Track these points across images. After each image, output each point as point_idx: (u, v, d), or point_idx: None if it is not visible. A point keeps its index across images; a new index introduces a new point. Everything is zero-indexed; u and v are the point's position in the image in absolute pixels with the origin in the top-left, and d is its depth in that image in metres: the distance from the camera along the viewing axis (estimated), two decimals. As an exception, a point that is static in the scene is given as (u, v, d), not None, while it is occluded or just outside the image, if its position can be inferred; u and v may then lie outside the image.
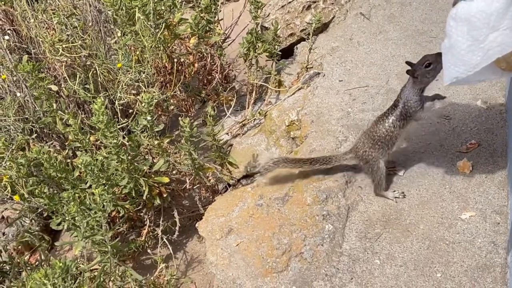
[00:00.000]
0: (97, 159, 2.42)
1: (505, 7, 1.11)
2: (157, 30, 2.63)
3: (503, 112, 2.52)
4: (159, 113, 2.92)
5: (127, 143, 2.57)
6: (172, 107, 2.87)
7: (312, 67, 3.06)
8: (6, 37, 2.87)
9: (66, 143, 2.74)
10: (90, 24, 2.91)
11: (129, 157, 2.45)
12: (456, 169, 2.35)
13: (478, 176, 2.31)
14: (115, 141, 2.35)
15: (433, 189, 2.31)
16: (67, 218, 2.35)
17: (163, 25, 2.62)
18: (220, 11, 3.10)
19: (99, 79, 2.78)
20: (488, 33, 1.13)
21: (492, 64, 1.17)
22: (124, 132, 2.78)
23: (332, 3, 3.42)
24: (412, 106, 2.21)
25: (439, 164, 2.41)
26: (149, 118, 2.45)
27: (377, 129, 2.27)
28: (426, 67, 2.10)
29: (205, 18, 2.91)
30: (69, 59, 2.79)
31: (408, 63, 2.16)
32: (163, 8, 2.79)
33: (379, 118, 2.28)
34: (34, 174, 2.52)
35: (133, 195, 2.54)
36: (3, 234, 2.89)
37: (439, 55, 2.17)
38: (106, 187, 2.38)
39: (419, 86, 2.18)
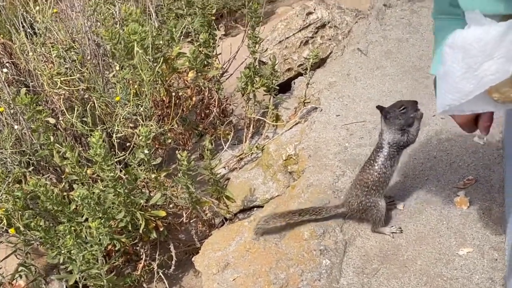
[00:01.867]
0: (93, 192, 2.41)
1: (501, 36, 1.11)
2: (155, 64, 2.64)
3: (500, 148, 2.53)
4: (157, 146, 2.91)
5: (124, 177, 2.57)
6: (169, 140, 2.87)
7: (309, 102, 3.07)
8: (5, 70, 2.88)
9: (63, 176, 2.73)
10: (88, 57, 2.93)
11: (126, 191, 2.44)
12: (454, 205, 2.35)
13: (476, 212, 2.30)
14: (112, 174, 2.35)
15: (430, 225, 2.30)
16: (63, 252, 2.34)
17: (161, 59, 2.63)
18: (218, 45, 3.12)
19: (96, 112, 2.79)
20: (483, 61, 1.12)
21: (486, 94, 1.17)
22: (121, 165, 2.78)
23: (330, 39, 3.44)
24: (400, 141, 2.23)
25: (437, 199, 2.40)
26: (146, 151, 2.45)
27: (369, 175, 2.26)
28: (400, 110, 2.17)
29: (203, 52, 2.93)
30: (67, 92, 2.79)
31: (378, 107, 2.23)
32: (161, 42, 2.81)
33: (366, 164, 2.29)
34: (31, 207, 2.51)
35: (130, 228, 2.52)
36: (-1, 267, 2.87)
37: (415, 102, 2.21)
38: (102, 221, 2.38)
39: (394, 127, 2.22)
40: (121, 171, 2.66)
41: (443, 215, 2.33)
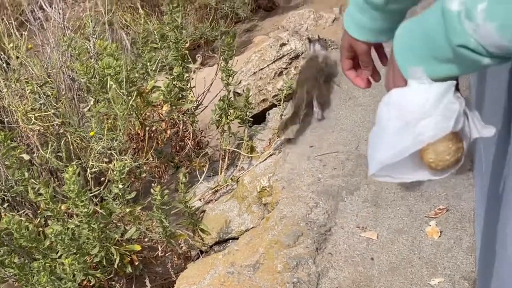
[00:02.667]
0: (68, 228, 2.42)
1: (440, 95, 1.12)
2: (130, 98, 2.66)
3: (471, 178, 2.57)
4: (132, 180, 2.93)
5: (100, 211, 2.58)
6: (144, 174, 2.88)
7: (283, 133, 3.10)
8: (-21, 106, 2.89)
9: (39, 212, 2.73)
10: (63, 92, 2.95)
11: (101, 225, 2.45)
12: (425, 234, 2.38)
13: (447, 242, 2.33)
14: (85, 210, 2.36)
15: (402, 255, 2.33)
16: (37, 288, 2.34)
17: (135, 93, 2.65)
18: (193, 78, 3.15)
19: (71, 147, 2.80)
20: (421, 118, 1.12)
21: (420, 160, 1.16)
22: (98, 200, 2.79)
23: (304, 70, 3.49)
24: None
25: (409, 229, 2.43)
26: (120, 186, 2.47)
27: None
28: None
29: (177, 85, 2.95)
30: (42, 128, 2.80)
31: None
32: (136, 75, 2.84)
33: None
34: (6, 243, 2.51)
35: (104, 263, 2.53)
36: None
37: None
38: (77, 256, 2.38)
39: None
40: (97, 205, 2.67)
41: (414, 245, 2.36)
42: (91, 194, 2.63)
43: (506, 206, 1.31)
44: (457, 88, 1.19)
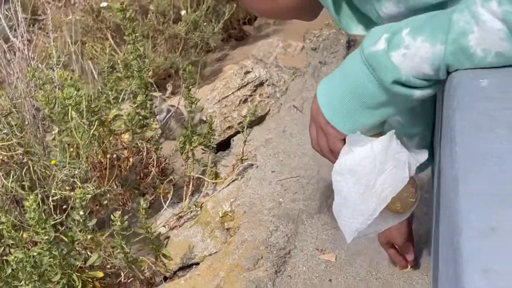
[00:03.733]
0: (30, 256, 2.43)
1: (385, 149, 1.17)
2: (91, 127, 2.69)
3: (427, 199, 2.61)
4: (97, 207, 2.95)
5: (63, 238, 2.60)
6: (108, 201, 2.91)
7: (246, 159, 3.14)
8: None
9: (2, 240, 2.74)
10: (27, 122, 2.98)
11: (63, 253, 2.47)
12: (382, 256, 2.42)
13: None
14: (46, 237, 2.38)
15: (360, 276, 2.37)
16: (-3, 317, 2.35)
17: (96, 122, 2.69)
18: (156, 106, 3.20)
19: (35, 176, 2.82)
20: (377, 177, 1.17)
21: (386, 210, 1.20)
22: (63, 228, 2.80)
23: (268, 97, 3.54)
24: None
25: (367, 251, 2.47)
26: (81, 213, 2.49)
27: None
28: None
29: (141, 113, 2.99)
30: (6, 157, 2.83)
31: None
32: (99, 105, 2.87)
33: None
34: (-33, 272, 2.52)
35: (66, 290, 2.54)
36: None
37: None
38: (38, 284, 2.40)
39: None
40: (60, 233, 2.69)
41: (372, 266, 2.40)
42: (53, 222, 2.65)
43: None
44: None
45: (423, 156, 1.25)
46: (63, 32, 4.72)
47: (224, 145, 3.47)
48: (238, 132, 3.48)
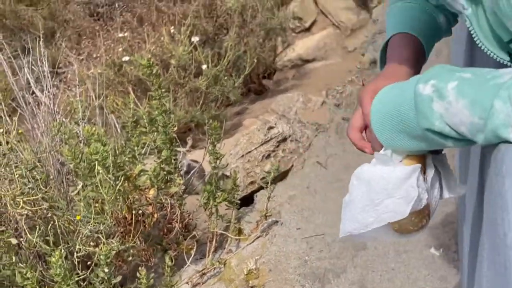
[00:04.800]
0: (54, 312, 2.41)
1: (403, 178, 1.19)
2: (117, 182, 2.69)
3: (456, 260, 2.58)
4: (119, 263, 2.93)
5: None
6: (132, 257, 2.89)
7: (270, 215, 3.12)
8: (-32, 190, 2.91)
9: (26, 295, 2.72)
10: (51, 176, 2.98)
11: (87, 310, 2.45)
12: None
13: (433, 324, 2.34)
14: (71, 294, 2.36)
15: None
16: None
17: (123, 177, 2.69)
18: (181, 161, 3.19)
19: (59, 230, 2.81)
20: (384, 198, 1.20)
21: (386, 225, 1.24)
22: (85, 283, 2.78)
23: (291, 152, 3.54)
24: None
25: (395, 312, 2.44)
26: (106, 270, 2.47)
27: None
28: None
29: (165, 169, 2.99)
30: (30, 212, 2.82)
31: None
32: (124, 159, 2.87)
33: None
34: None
35: None
36: None
37: None
38: None
39: None
40: (83, 289, 2.67)
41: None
42: (77, 278, 2.63)
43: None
44: (438, 152, 1.25)
45: (460, 190, 1.29)
46: (85, 85, 4.76)
47: (247, 200, 3.45)
48: (261, 188, 3.46)
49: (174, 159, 3.05)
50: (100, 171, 2.67)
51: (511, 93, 1.00)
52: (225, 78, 4.97)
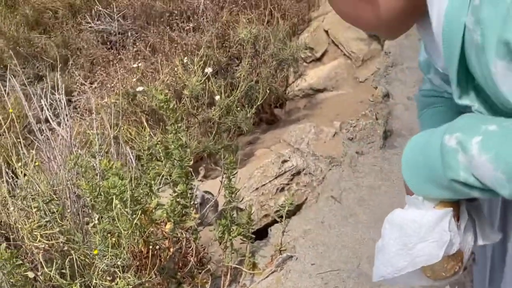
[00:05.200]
0: None
1: (435, 222, 1.20)
2: (134, 216, 2.71)
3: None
4: (135, 296, 2.93)
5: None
6: (147, 291, 2.89)
7: (285, 250, 3.13)
8: (-15, 222, 2.93)
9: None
10: (68, 210, 2.99)
11: None
12: None
13: None
14: (88, 330, 2.37)
15: None
16: None
17: (139, 211, 2.70)
18: (197, 195, 3.21)
19: (75, 264, 2.82)
20: (417, 242, 1.21)
21: (419, 270, 1.25)
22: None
23: (305, 186, 3.55)
24: None
25: None
26: (122, 305, 2.48)
27: None
28: None
29: (181, 202, 3.00)
30: (47, 245, 2.83)
31: None
32: (141, 192, 2.89)
33: None
34: None
35: None
36: None
37: None
38: None
39: None
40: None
41: None
42: (94, 312, 2.64)
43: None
44: (472, 199, 1.26)
45: (496, 236, 1.29)
46: (100, 115, 4.79)
47: (261, 234, 3.46)
48: (275, 221, 3.47)
49: (190, 193, 3.07)
50: (118, 205, 2.69)
51: None
52: (238, 108, 4.99)
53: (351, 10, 1.28)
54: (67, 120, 3.25)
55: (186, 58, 5.34)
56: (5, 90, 4.74)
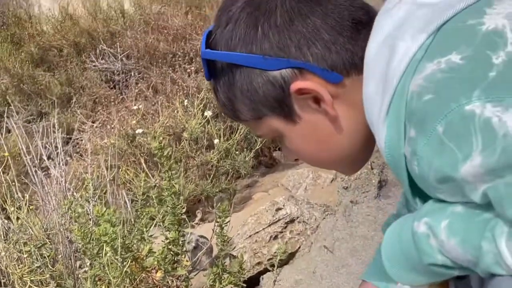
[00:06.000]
0: None
1: None
2: (124, 264, 2.71)
3: None
4: None
5: None
6: None
7: (276, 300, 3.12)
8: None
9: None
10: (60, 255, 3.00)
11: None
12: None
13: None
14: None
15: None
16: None
17: (130, 259, 2.71)
18: (192, 239, 3.21)
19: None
20: None
21: None
22: None
23: (299, 234, 3.55)
24: None
25: None
26: None
27: None
28: None
29: (172, 250, 3.00)
30: (37, 291, 2.84)
31: None
32: (132, 239, 2.90)
33: None
34: None
35: None
36: None
37: None
38: None
39: None
40: None
41: None
42: None
43: None
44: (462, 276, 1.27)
45: None
46: (98, 155, 4.82)
47: (253, 281, 3.45)
48: (267, 269, 3.47)
49: (182, 241, 3.07)
50: (108, 252, 2.70)
51: (494, 234, 1.04)
52: (237, 152, 5.02)
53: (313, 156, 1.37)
54: (63, 164, 3.28)
55: (186, 100, 5.39)
56: (6, 127, 4.79)
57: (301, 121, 1.26)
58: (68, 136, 6.32)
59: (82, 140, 6.14)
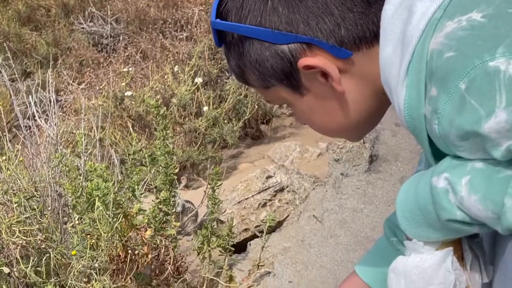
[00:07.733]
0: None
1: (438, 264, 1.20)
2: (115, 220, 2.69)
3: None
4: (109, 300, 2.90)
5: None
6: (121, 296, 2.86)
7: (263, 265, 3.12)
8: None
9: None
10: (49, 208, 2.97)
11: None
12: None
13: None
14: (60, 330, 2.34)
15: None
16: None
17: (121, 215, 2.68)
18: (179, 203, 3.19)
19: (51, 263, 2.79)
20: (424, 287, 1.21)
21: None
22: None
23: (287, 203, 3.55)
24: None
25: None
26: (96, 308, 2.45)
27: None
28: None
29: (163, 209, 2.99)
30: (24, 241, 2.80)
31: None
32: (123, 197, 2.87)
33: None
34: None
35: None
36: None
37: None
38: None
39: None
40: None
41: None
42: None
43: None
44: (474, 236, 1.26)
45: (491, 274, 1.29)
46: (86, 115, 4.76)
47: (240, 247, 3.45)
48: (254, 235, 3.46)
49: (173, 201, 3.05)
50: (100, 207, 2.67)
51: None
52: (225, 121, 5.00)
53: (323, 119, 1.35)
54: (55, 118, 3.23)
55: (176, 66, 5.34)
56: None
57: (309, 93, 1.27)
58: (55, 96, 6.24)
59: (68, 101, 6.06)
